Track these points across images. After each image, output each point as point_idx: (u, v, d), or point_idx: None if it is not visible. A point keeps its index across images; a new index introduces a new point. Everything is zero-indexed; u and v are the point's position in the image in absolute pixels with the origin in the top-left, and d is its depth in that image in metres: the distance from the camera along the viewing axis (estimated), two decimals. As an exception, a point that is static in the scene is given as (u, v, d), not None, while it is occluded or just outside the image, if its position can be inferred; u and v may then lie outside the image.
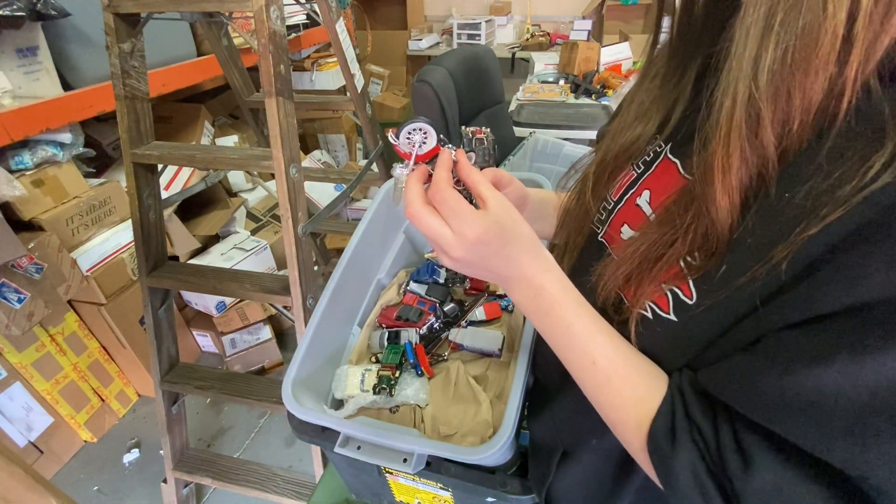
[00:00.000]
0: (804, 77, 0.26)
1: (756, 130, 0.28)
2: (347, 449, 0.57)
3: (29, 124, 1.22)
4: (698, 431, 0.33)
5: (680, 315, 0.34)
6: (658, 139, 0.43)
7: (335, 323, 0.74)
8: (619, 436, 0.39)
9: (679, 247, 0.33)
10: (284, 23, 0.93)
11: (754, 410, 0.30)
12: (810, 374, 0.26)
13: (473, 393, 0.67)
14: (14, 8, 1.10)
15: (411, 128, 0.42)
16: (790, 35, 0.26)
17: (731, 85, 0.29)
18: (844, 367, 0.25)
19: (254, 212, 2.13)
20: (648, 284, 0.36)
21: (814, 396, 0.26)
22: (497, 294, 0.82)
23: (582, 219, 0.49)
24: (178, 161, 1.07)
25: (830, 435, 0.26)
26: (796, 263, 0.27)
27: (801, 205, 0.28)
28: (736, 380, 0.31)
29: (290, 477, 1.36)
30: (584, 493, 0.52)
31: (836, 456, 0.26)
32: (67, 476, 1.61)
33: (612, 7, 3.33)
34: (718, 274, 0.31)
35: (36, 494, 0.59)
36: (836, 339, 0.26)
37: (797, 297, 0.27)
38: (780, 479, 0.29)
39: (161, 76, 1.55)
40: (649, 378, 0.37)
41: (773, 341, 0.29)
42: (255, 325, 1.89)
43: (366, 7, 3.62)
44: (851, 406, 0.25)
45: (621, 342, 0.38)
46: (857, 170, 0.26)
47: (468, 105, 1.59)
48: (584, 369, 0.39)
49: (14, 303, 1.26)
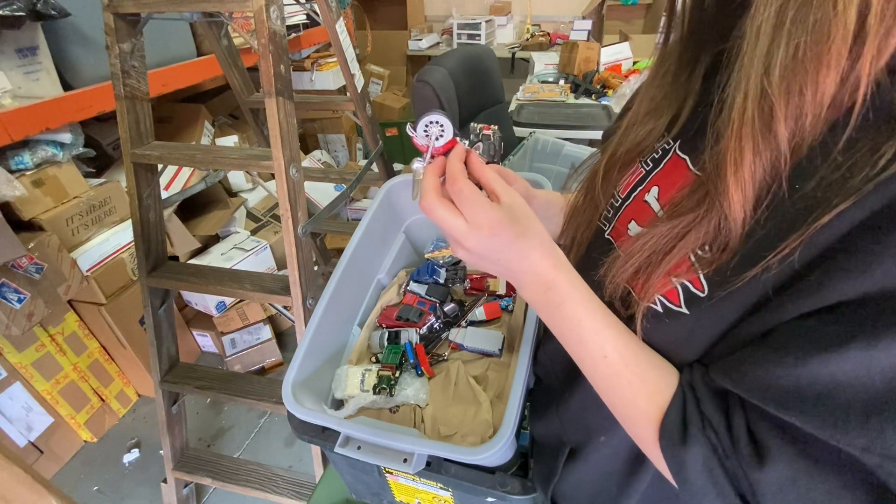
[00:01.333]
0: (816, 73, 0.26)
1: (769, 125, 0.28)
2: (347, 449, 0.57)
3: (29, 124, 1.22)
4: (710, 426, 0.33)
5: (692, 308, 0.34)
6: (666, 136, 0.43)
7: (335, 323, 0.74)
8: (631, 431, 0.39)
9: (690, 240, 0.33)
10: (284, 23, 0.93)
11: (769, 401, 0.30)
12: (825, 363, 0.26)
13: (473, 393, 0.67)
14: (14, 8, 1.10)
15: (428, 120, 0.42)
16: (801, 31, 0.26)
17: (744, 81, 0.29)
18: (859, 355, 0.25)
19: (254, 212, 2.13)
20: (657, 278, 0.35)
21: (829, 385, 0.26)
22: (497, 294, 0.82)
23: (590, 214, 0.49)
24: (178, 161, 1.07)
25: (846, 423, 0.26)
26: (809, 252, 0.27)
27: (813, 195, 0.28)
28: (750, 371, 0.30)
29: (290, 477, 1.36)
30: (590, 492, 0.52)
31: (853, 444, 0.26)
32: (67, 476, 1.61)
33: (612, 7, 3.33)
34: (731, 266, 0.31)
35: (36, 494, 0.59)
36: (850, 327, 0.26)
37: (810, 287, 0.27)
38: (795, 471, 0.29)
39: (161, 76, 1.55)
40: (660, 373, 0.37)
41: (787, 331, 0.29)
42: (255, 325, 1.89)
43: (366, 7, 3.62)
44: (866, 394, 0.25)
45: (631, 337, 0.38)
46: (868, 159, 0.26)
47: (468, 105, 1.59)
48: (595, 363, 0.39)
49: (14, 303, 1.26)
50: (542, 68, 2.62)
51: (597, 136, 1.86)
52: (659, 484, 0.44)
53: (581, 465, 0.51)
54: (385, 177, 1.53)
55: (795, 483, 0.29)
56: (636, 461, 0.45)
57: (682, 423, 0.34)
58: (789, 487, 0.29)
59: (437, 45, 3.72)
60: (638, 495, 0.46)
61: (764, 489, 0.30)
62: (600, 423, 0.43)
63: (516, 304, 0.79)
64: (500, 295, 0.81)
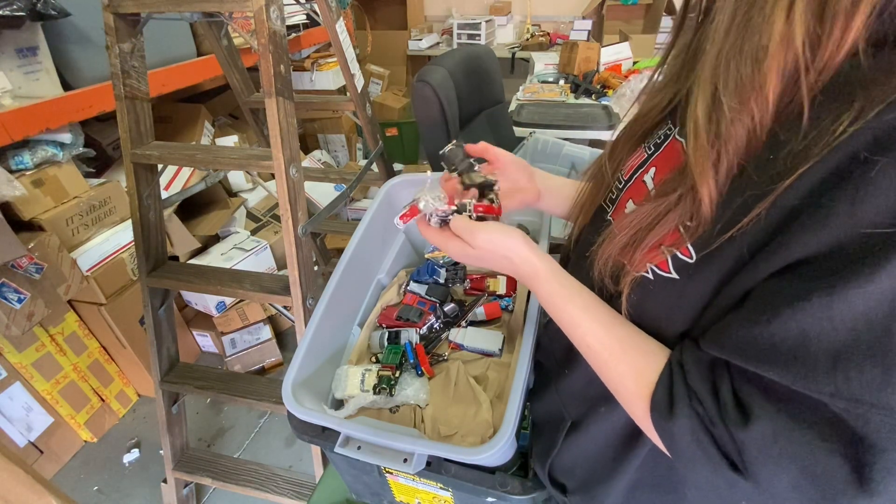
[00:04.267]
0: (760, 72, 0.30)
1: (719, 124, 0.32)
2: (347, 449, 0.57)
3: (29, 124, 1.22)
4: (697, 398, 0.35)
5: (682, 273, 0.37)
6: (669, 123, 0.46)
7: (335, 323, 0.74)
8: (625, 406, 0.43)
9: (670, 218, 0.36)
10: (284, 23, 0.93)
11: (750, 360, 0.32)
12: (792, 317, 0.28)
13: (473, 393, 0.67)
14: (14, 8, 1.10)
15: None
16: (747, 34, 0.30)
17: (701, 79, 0.33)
18: (820, 306, 0.27)
19: (254, 212, 2.13)
20: (641, 252, 0.39)
21: (799, 338, 0.29)
22: (497, 294, 0.82)
23: (596, 188, 0.53)
24: (178, 161, 1.07)
25: (815, 372, 0.28)
26: (777, 214, 0.30)
27: (783, 164, 0.30)
28: (733, 333, 0.33)
29: (290, 477, 1.36)
30: (587, 466, 0.53)
31: (822, 391, 0.28)
32: (67, 476, 1.61)
33: (612, 7, 3.32)
34: (714, 231, 0.34)
35: (36, 494, 0.59)
36: (811, 281, 0.28)
37: (778, 246, 0.30)
38: (776, 427, 0.31)
39: (161, 76, 1.55)
40: (647, 353, 0.40)
41: (760, 291, 0.31)
42: (255, 325, 1.89)
43: (366, 7, 3.62)
44: (831, 344, 0.27)
45: (618, 323, 0.43)
46: (828, 129, 0.28)
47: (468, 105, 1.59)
48: (586, 347, 0.44)
49: (14, 303, 1.26)
50: (542, 68, 2.62)
51: (597, 136, 1.85)
52: (653, 462, 0.47)
53: (581, 438, 0.52)
54: (385, 177, 1.53)
55: (777, 438, 0.31)
56: (633, 435, 0.47)
57: (670, 397, 0.37)
58: (772, 442, 0.31)
59: (437, 45, 3.72)
60: (633, 470, 0.48)
61: (749, 447, 0.32)
62: (602, 394, 0.46)
63: (516, 304, 0.79)
64: (500, 295, 0.81)
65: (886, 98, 0.26)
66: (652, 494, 0.49)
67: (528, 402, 0.64)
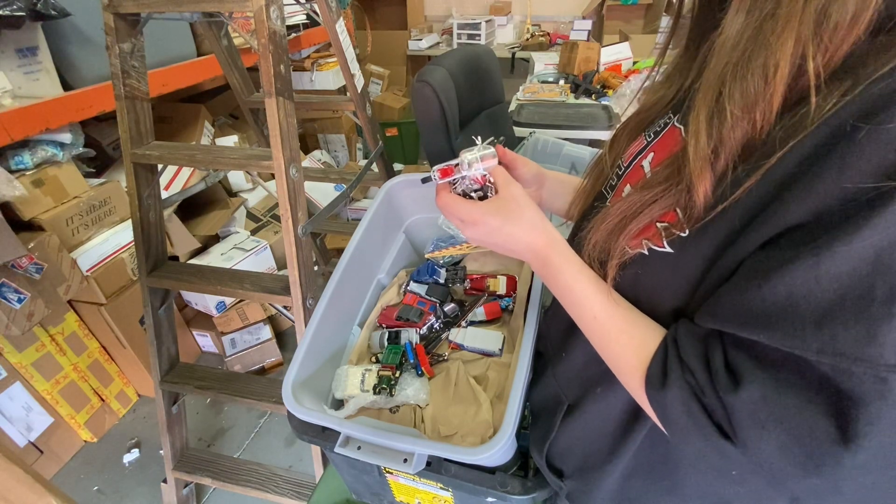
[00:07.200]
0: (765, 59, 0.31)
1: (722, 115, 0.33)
2: (347, 449, 0.57)
3: (29, 124, 1.22)
4: (689, 370, 0.36)
5: (675, 247, 0.38)
6: (669, 112, 0.47)
7: (335, 323, 0.74)
8: (623, 380, 0.44)
9: (656, 208, 0.38)
10: (284, 23, 0.93)
11: (742, 325, 0.33)
12: (781, 279, 0.29)
13: (473, 393, 0.67)
14: (14, 8, 1.10)
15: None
16: (756, 50, 0.31)
17: (705, 87, 0.34)
18: (807, 267, 0.28)
19: (254, 212, 2.13)
20: (625, 238, 0.40)
21: (788, 300, 0.30)
22: (497, 294, 0.82)
23: (596, 178, 0.54)
24: (178, 161, 1.07)
25: (803, 330, 0.29)
26: (767, 186, 0.31)
27: (775, 138, 0.31)
28: (726, 301, 0.34)
29: (290, 477, 1.36)
30: (584, 450, 0.54)
31: (809, 348, 0.29)
32: (67, 476, 1.61)
33: (612, 7, 3.32)
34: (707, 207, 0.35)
35: (36, 494, 0.59)
36: (799, 246, 0.29)
37: (767, 216, 0.31)
38: (765, 390, 0.32)
39: (161, 76, 1.55)
40: (646, 329, 0.42)
41: (751, 260, 0.32)
42: (255, 325, 1.89)
43: (366, 7, 3.62)
44: (819, 303, 0.28)
45: (621, 300, 0.44)
46: (819, 104, 0.29)
47: (468, 105, 1.59)
48: (588, 323, 0.45)
49: (14, 303, 1.26)
50: (542, 68, 2.62)
51: (597, 136, 1.85)
52: (648, 449, 0.47)
53: (578, 420, 0.53)
54: (385, 177, 1.53)
55: (766, 401, 0.32)
56: (629, 419, 0.48)
57: (664, 371, 0.38)
58: (761, 405, 0.32)
59: (437, 45, 3.72)
60: (629, 456, 0.49)
61: (738, 411, 0.33)
62: (599, 375, 0.47)
63: (516, 304, 0.79)
64: (500, 295, 0.81)
65: (875, 73, 0.27)
66: (647, 481, 0.49)
67: (527, 408, 0.64)
